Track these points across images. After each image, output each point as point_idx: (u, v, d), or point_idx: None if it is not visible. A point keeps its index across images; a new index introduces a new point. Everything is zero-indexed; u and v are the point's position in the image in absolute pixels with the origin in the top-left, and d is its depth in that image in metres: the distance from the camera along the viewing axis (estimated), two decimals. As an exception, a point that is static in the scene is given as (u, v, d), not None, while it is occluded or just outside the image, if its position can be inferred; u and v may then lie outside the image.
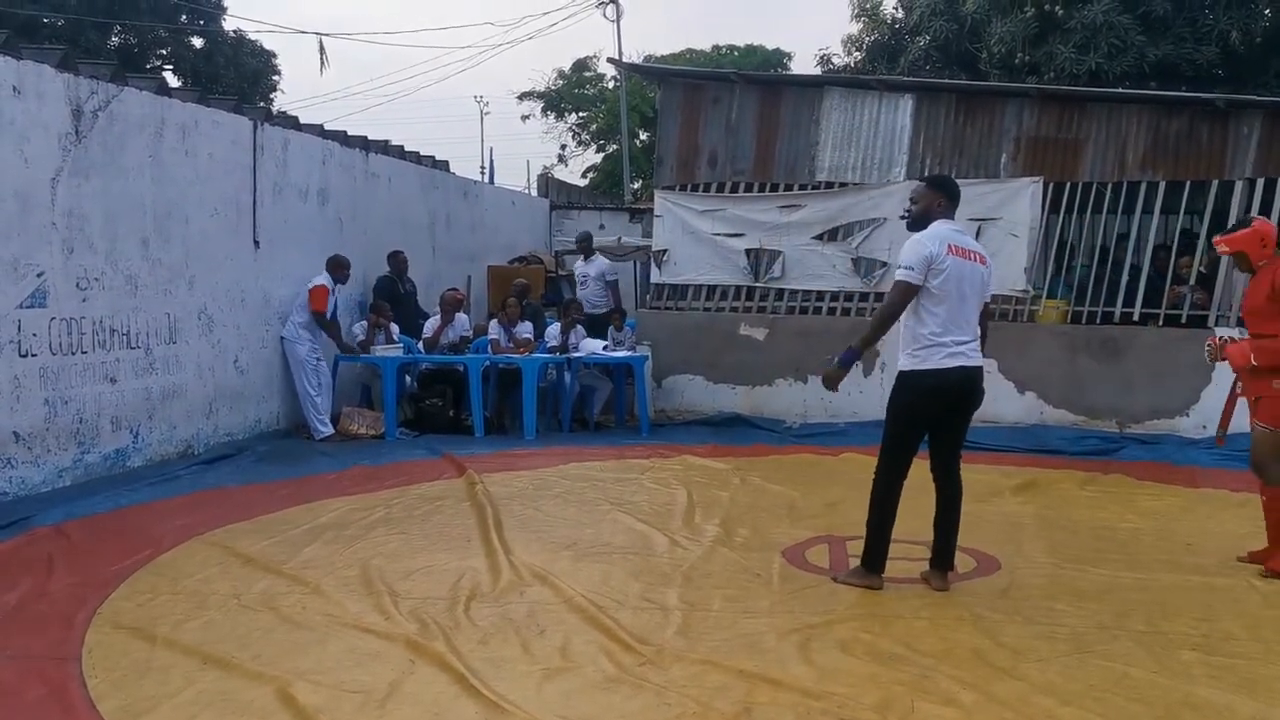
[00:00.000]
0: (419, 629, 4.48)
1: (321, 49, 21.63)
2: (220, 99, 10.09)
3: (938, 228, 4.98)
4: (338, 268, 9.97)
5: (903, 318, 5.01)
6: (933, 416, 4.99)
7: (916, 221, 5.13)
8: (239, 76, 24.14)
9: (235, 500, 7.09)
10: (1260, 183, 9.38)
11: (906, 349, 4.98)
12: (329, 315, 9.75)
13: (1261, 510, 5.47)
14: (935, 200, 5.09)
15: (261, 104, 19.56)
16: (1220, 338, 5.67)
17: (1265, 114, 9.49)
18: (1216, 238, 5.74)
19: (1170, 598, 4.98)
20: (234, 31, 24.88)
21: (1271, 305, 5.32)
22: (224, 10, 24.82)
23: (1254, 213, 9.29)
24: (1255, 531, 6.20)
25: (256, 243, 9.45)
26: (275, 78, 26.12)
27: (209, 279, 8.83)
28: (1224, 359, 5.59)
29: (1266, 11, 12.51)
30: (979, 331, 5.03)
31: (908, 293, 4.88)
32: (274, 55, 25.85)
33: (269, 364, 9.66)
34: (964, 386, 4.95)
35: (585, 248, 12.82)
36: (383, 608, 4.78)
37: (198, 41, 25.02)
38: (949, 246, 4.88)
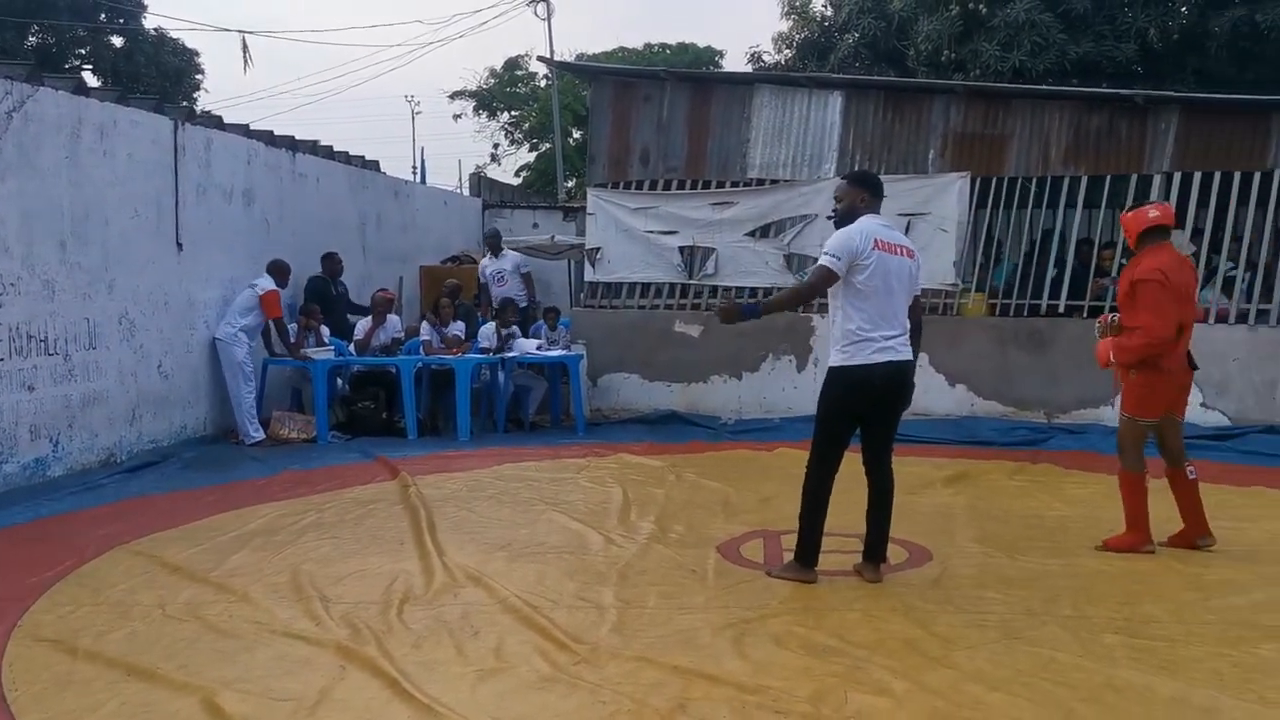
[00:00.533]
0: (350, 634, 4.41)
1: (245, 47, 21.33)
2: (141, 99, 9.86)
3: (864, 222, 4.99)
4: (280, 273, 9.88)
5: (831, 314, 5.05)
6: (862, 411, 5.01)
7: (842, 219, 5.13)
8: (160, 76, 23.64)
9: (160, 508, 6.93)
10: (1177, 176, 9.61)
11: (836, 345, 5.00)
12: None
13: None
14: (858, 196, 5.12)
15: (184, 103, 19.15)
16: (1109, 317, 5.82)
17: (1182, 110, 9.72)
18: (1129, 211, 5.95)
19: (1095, 583, 5.09)
20: (155, 30, 24.38)
21: (1128, 299, 5.59)
22: (144, 8, 24.31)
23: (1171, 205, 9.54)
24: (1176, 516, 6.37)
25: (179, 245, 9.26)
26: (198, 77, 25.64)
27: (130, 282, 8.63)
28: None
29: (1183, 10, 12.82)
30: (908, 325, 5.03)
31: (828, 278, 4.93)
32: (197, 54, 25.36)
33: (195, 368, 9.47)
34: (893, 381, 4.96)
35: (494, 244, 12.76)
36: (313, 613, 4.70)
37: (118, 40, 24.49)
38: (875, 241, 4.89)
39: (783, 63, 16.87)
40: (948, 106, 10.40)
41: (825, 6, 16.86)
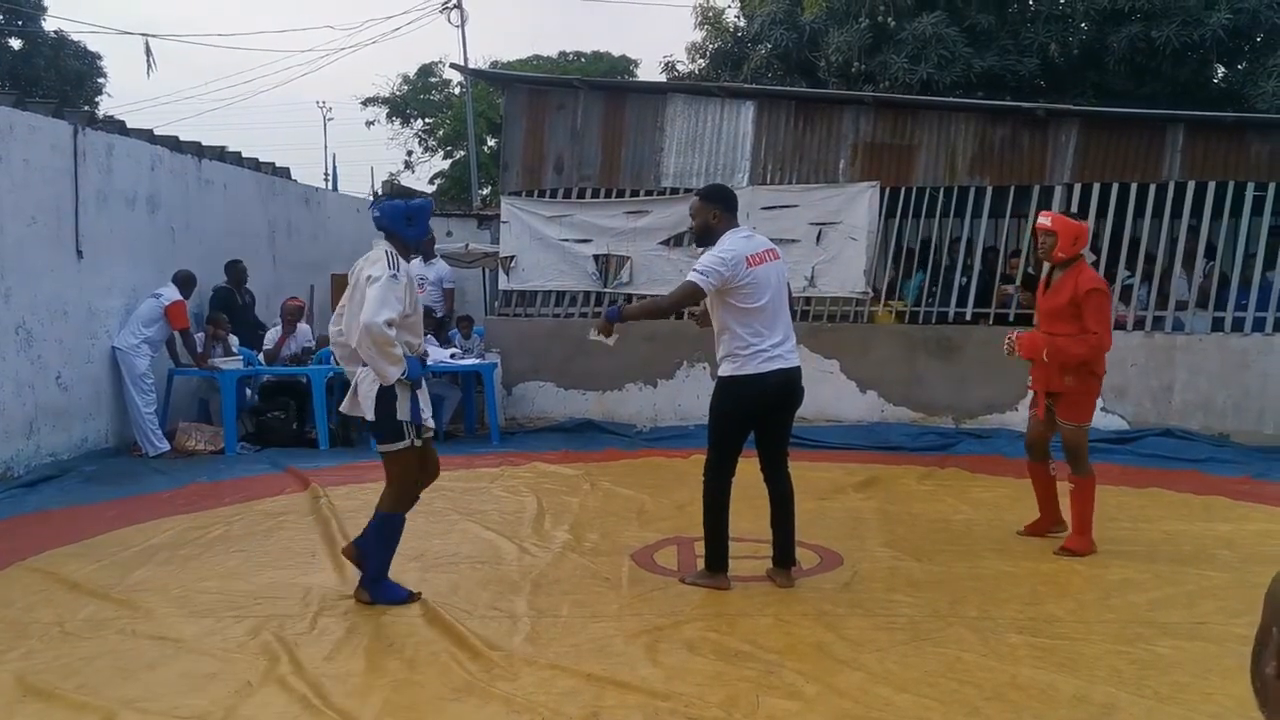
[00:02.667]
0: (259, 648, 4.33)
1: (148, 50, 20.68)
2: (40, 102, 9.60)
3: (730, 242, 4.93)
4: (185, 283, 9.67)
5: (716, 328, 5.02)
6: (754, 418, 5.05)
7: (700, 238, 5.13)
8: (61, 79, 22.98)
9: (59, 523, 6.73)
10: (1078, 187, 9.89)
11: (725, 356, 4.99)
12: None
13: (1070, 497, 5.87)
14: (710, 213, 5.06)
15: (86, 108, 18.65)
16: (1018, 334, 6.00)
17: (1081, 122, 10.02)
18: (1045, 211, 6.08)
19: (1000, 584, 5.21)
20: (55, 32, 23.70)
21: (1070, 309, 5.73)
22: (44, 10, 23.60)
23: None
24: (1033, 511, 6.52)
25: (80, 253, 9.00)
26: (100, 80, 24.96)
27: (27, 291, 8.36)
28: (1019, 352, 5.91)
29: (1083, 26, 13.18)
30: (792, 329, 5.09)
31: (693, 295, 4.94)
32: (99, 57, 24.71)
33: (95, 379, 9.20)
34: (784, 388, 4.99)
35: (428, 249, 12.63)
36: (220, 629, 4.61)
37: (15, 43, 23.73)
38: (746, 260, 4.86)
39: (696, 72, 17.00)
40: (858, 117, 10.58)
41: (738, 18, 17.04)
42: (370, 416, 4.88)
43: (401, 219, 5.10)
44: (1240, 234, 9.49)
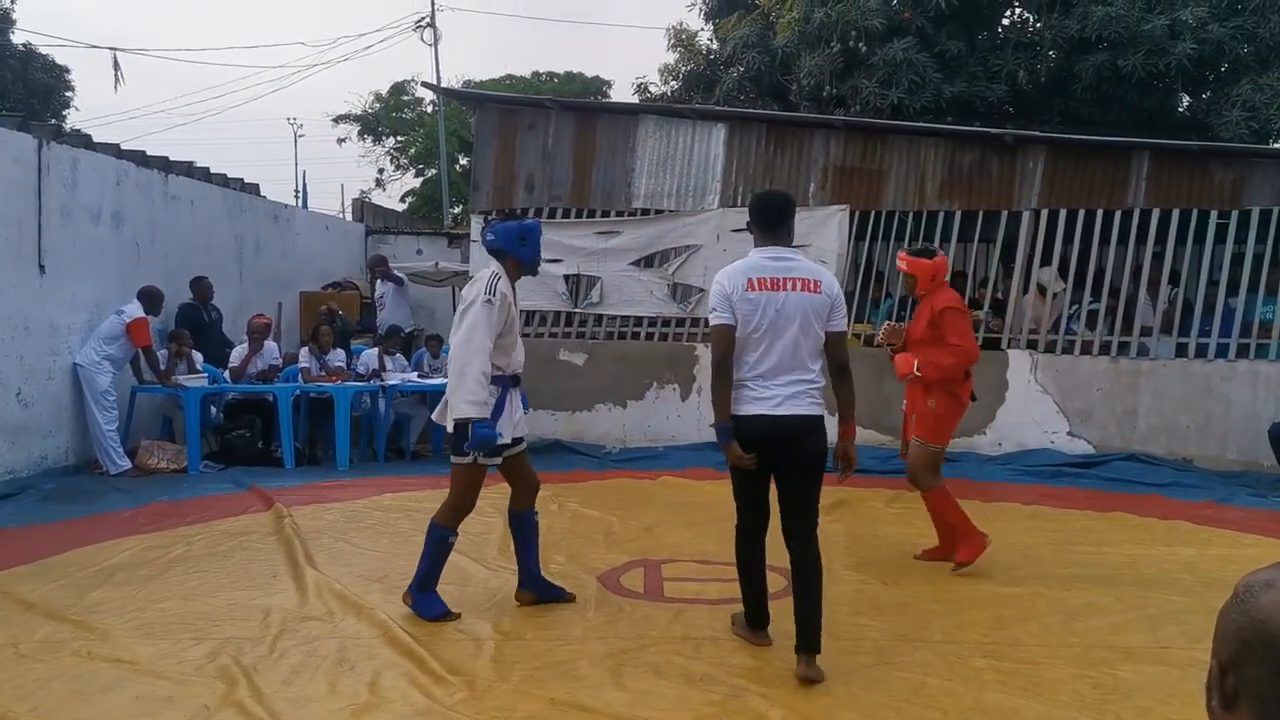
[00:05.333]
0: (218, 671, 4.27)
1: (116, 64, 20.58)
2: (6, 116, 9.50)
3: (746, 259, 4.43)
4: (151, 300, 9.58)
5: None
6: (756, 468, 4.36)
7: None
8: (28, 92, 22.77)
9: (15, 542, 6.61)
10: (1045, 213, 9.98)
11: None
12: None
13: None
14: (751, 230, 4.53)
15: (53, 121, 18.48)
16: (891, 324, 6.09)
17: (1049, 149, 10.12)
18: (902, 252, 6.22)
19: (965, 608, 5.21)
20: (23, 45, 23.45)
21: (932, 332, 5.86)
22: (12, 24, 23.38)
23: (1039, 241, 9.92)
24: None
25: (42, 267, 8.90)
26: (68, 94, 24.74)
27: (-12, 306, 8.26)
28: (890, 356, 5.98)
29: (1050, 54, 13.35)
30: (812, 372, 4.32)
31: (725, 334, 4.28)
32: (67, 70, 24.46)
33: (56, 396, 9.08)
34: (774, 439, 4.24)
35: (381, 270, 12.64)
36: (178, 651, 4.53)
37: (-17, 55, 23.48)
38: (749, 281, 4.27)
39: (669, 94, 17.06)
40: (828, 140, 10.64)
41: (711, 40, 17.12)
42: (450, 427, 4.89)
43: (516, 240, 5.10)
44: (1204, 261, 9.60)
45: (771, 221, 4.44)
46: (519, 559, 5.36)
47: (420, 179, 32.83)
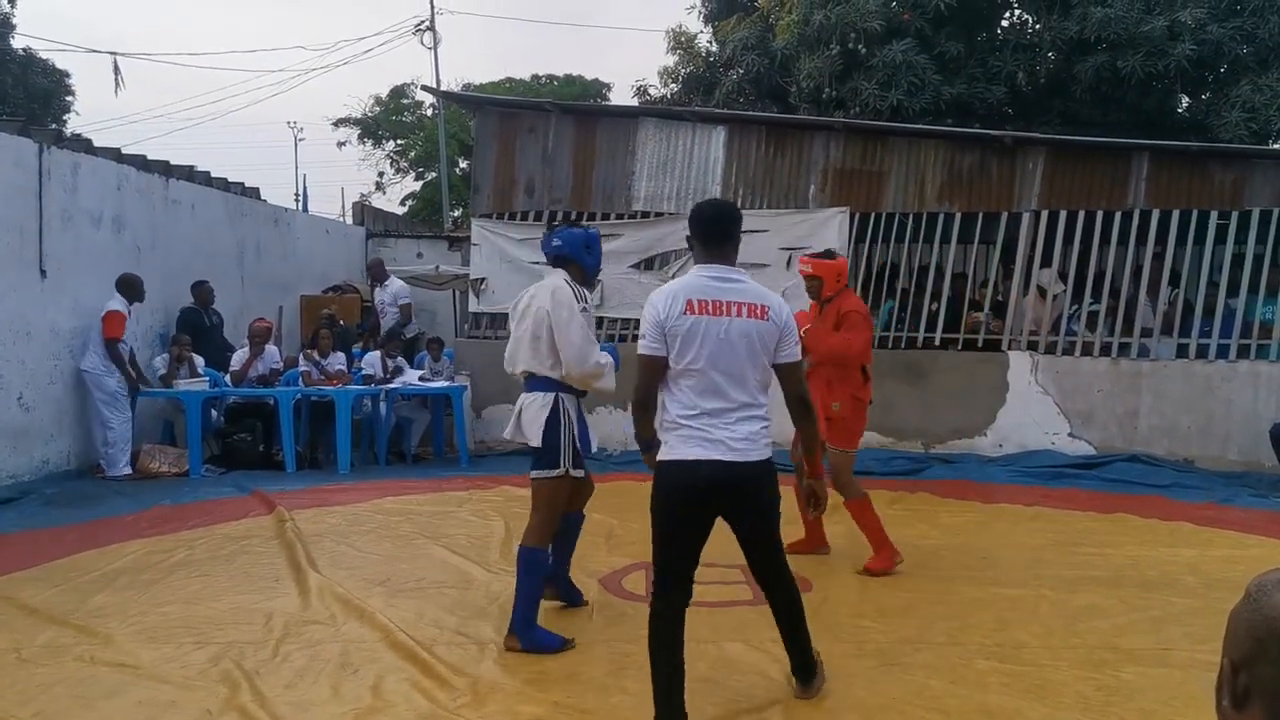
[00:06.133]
0: (220, 676, 4.26)
1: (116, 69, 20.56)
2: (7, 120, 9.51)
3: (684, 279, 3.85)
4: (129, 287, 9.41)
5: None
6: (693, 521, 3.75)
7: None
8: (29, 97, 22.78)
9: (18, 546, 6.61)
10: (1044, 214, 9.99)
11: (661, 432, 3.81)
12: (125, 341, 9.25)
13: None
14: (691, 242, 3.96)
15: (54, 126, 18.50)
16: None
17: (1048, 150, 10.13)
18: (803, 257, 6.23)
19: (968, 610, 5.21)
20: (23, 50, 23.48)
21: (834, 329, 5.97)
22: (12, 28, 23.40)
23: (1039, 242, 9.93)
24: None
25: (43, 272, 8.91)
26: (69, 98, 24.76)
27: (-10, 310, 8.26)
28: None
29: (1050, 55, 13.36)
30: (759, 407, 3.75)
31: (650, 366, 3.71)
32: (67, 75, 24.50)
33: (58, 400, 9.09)
34: (723, 487, 3.67)
35: (375, 274, 12.65)
36: (180, 655, 4.53)
37: (-17, 60, 23.50)
38: (688, 303, 3.68)
39: (669, 97, 17.08)
40: (828, 142, 10.64)
41: (711, 43, 17.14)
42: (536, 442, 4.79)
43: (582, 247, 5.02)
44: (1204, 261, 9.61)
45: (714, 236, 3.84)
46: (554, 554, 5.23)
47: (420, 182, 32.83)
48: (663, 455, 3.72)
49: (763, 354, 3.73)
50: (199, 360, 10.11)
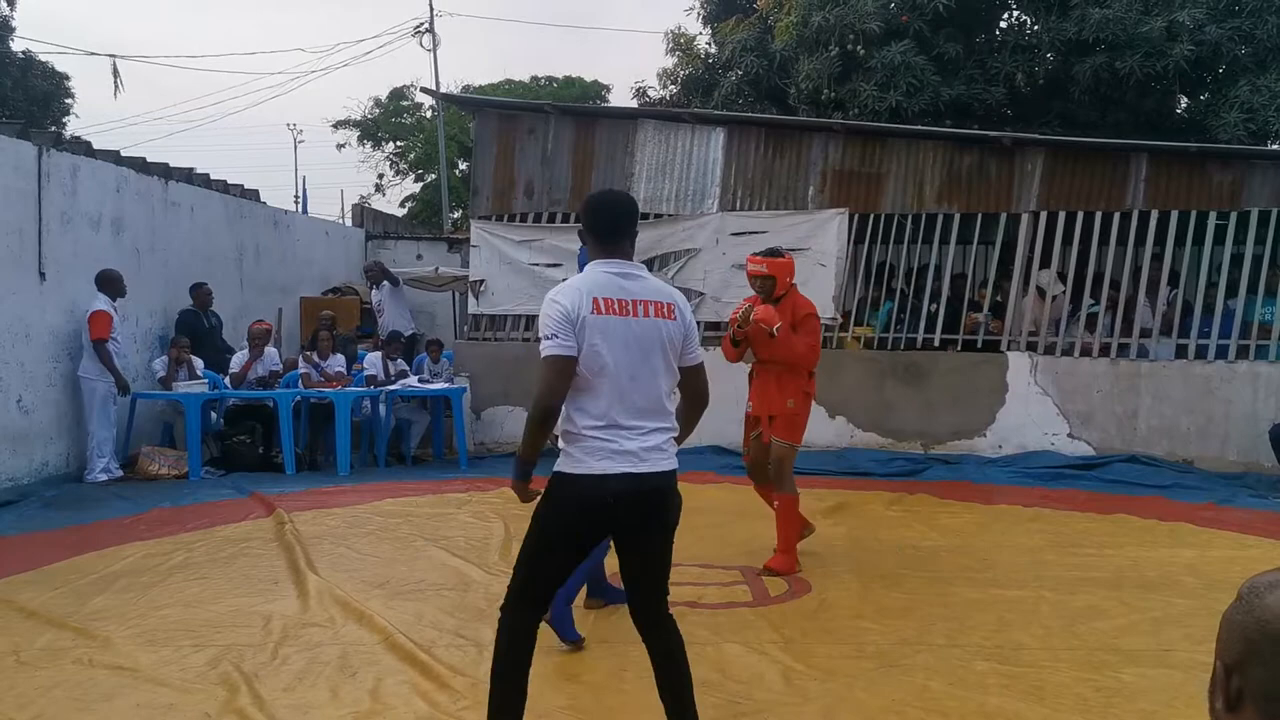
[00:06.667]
0: (219, 679, 4.26)
1: (115, 71, 20.55)
2: (6, 123, 9.51)
3: (586, 275, 3.51)
4: (110, 283, 9.24)
5: None
6: (586, 538, 3.51)
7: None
8: (28, 99, 22.78)
9: (17, 549, 6.61)
10: (1043, 215, 9.99)
11: (560, 441, 3.47)
12: (117, 340, 9.18)
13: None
14: (585, 238, 3.66)
15: (53, 128, 18.49)
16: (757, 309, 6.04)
17: (1047, 151, 10.13)
18: (754, 256, 6.19)
19: (967, 611, 5.21)
20: (23, 52, 23.46)
21: (790, 330, 5.97)
22: (12, 30, 23.39)
23: (1038, 243, 9.93)
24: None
25: (42, 274, 8.90)
26: (68, 101, 24.74)
27: (-11, 313, 8.25)
28: (751, 323, 5.96)
29: (1048, 56, 13.36)
30: (669, 415, 3.48)
31: (562, 369, 3.31)
32: (67, 78, 24.46)
33: (57, 403, 9.08)
34: (635, 501, 3.37)
35: (375, 275, 12.67)
36: (179, 658, 4.53)
37: (-18, 63, 23.50)
38: (595, 302, 3.35)
39: (668, 98, 17.08)
40: (827, 144, 10.65)
41: (709, 44, 17.13)
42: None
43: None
44: (1203, 262, 9.61)
45: (611, 229, 3.53)
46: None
47: (420, 184, 32.81)
48: (565, 467, 3.37)
49: (672, 356, 3.47)
50: (198, 362, 10.10)
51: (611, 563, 6.11)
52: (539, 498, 3.45)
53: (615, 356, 3.33)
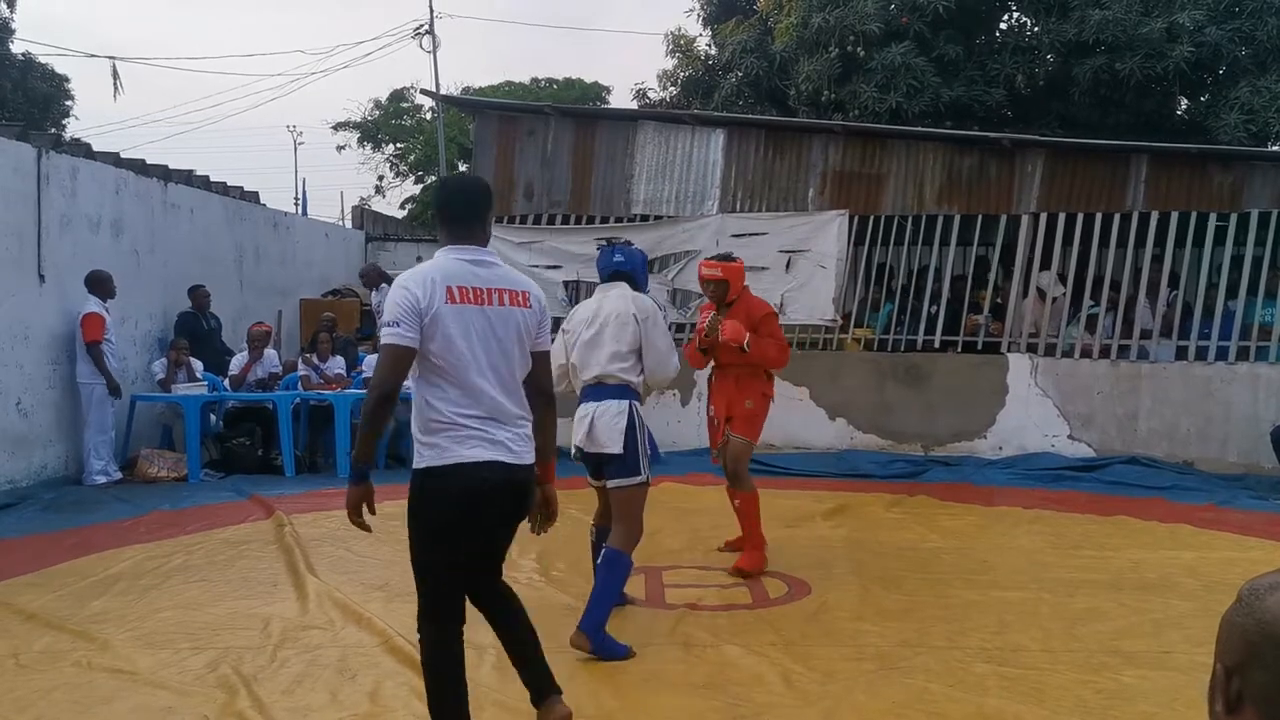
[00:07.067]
0: (218, 681, 4.26)
1: (115, 73, 20.53)
2: (6, 125, 9.50)
3: (437, 262, 3.41)
4: (99, 284, 9.18)
5: (413, 395, 3.41)
6: (469, 530, 3.36)
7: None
8: (28, 101, 22.79)
9: (16, 552, 6.60)
10: (1043, 217, 9.98)
11: (418, 436, 3.39)
12: (112, 341, 9.13)
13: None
14: (440, 229, 3.51)
15: (53, 130, 18.50)
16: (717, 316, 6.02)
17: (1047, 153, 10.13)
18: (708, 260, 6.21)
19: (967, 613, 5.20)
20: (22, 54, 23.48)
21: (753, 332, 5.95)
22: (12, 32, 23.40)
23: (1038, 245, 9.92)
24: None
25: (42, 276, 8.90)
26: (68, 103, 24.75)
27: (-12, 315, 8.25)
28: (718, 336, 5.95)
29: (1048, 58, 13.36)
30: (524, 407, 3.44)
31: (400, 358, 3.26)
32: (67, 79, 24.47)
33: (57, 405, 9.07)
34: (506, 492, 3.35)
35: (372, 279, 12.66)
36: (178, 661, 4.52)
37: (-18, 65, 23.51)
38: (449, 291, 3.29)
39: (668, 100, 17.08)
40: (827, 145, 10.64)
41: (709, 46, 17.14)
42: (618, 449, 4.76)
43: (641, 265, 5.18)
44: (1203, 264, 9.60)
45: (464, 213, 3.46)
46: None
47: (420, 186, 32.81)
48: (432, 460, 3.30)
49: (527, 344, 3.44)
50: (198, 364, 10.10)
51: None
52: (410, 506, 3.40)
53: (473, 346, 3.29)
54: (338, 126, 33.14)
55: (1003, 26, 14.40)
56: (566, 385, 4.98)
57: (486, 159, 11.66)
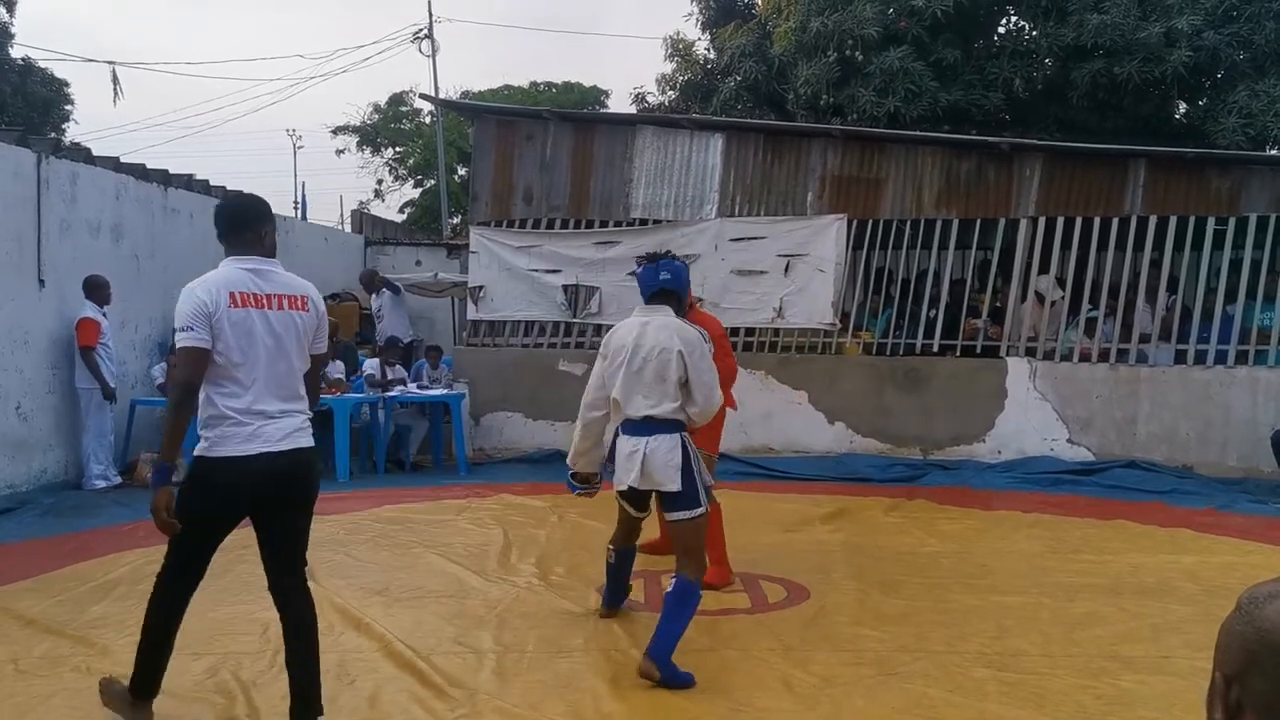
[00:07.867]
0: (217, 687, 4.26)
1: (114, 78, 20.56)
2: (5, 130, 9.50)
3: (220, 271, 3.78)
4: (95, 289, 9.14)
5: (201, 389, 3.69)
6: (230, 517, 3.78)
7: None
8: (28, 106, 22.79)
9: (15, 557, 6.59)
10: (1042, 221, 9.99)
11: (199, 428, 3.71)
12: (98, 349, 9.03)
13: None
14: (221, 241, 3.93)
15: (53, 135, 18.50)
16: None
17: (1045, 157, 10.14)
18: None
19: (967, 618, 5.20)
20: (22, 59, 23.47)
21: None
22: (11, 37, 23.40)
23: (1037, 248, 9.93)
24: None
25: (41, 281, 8.90)
26: (68, 108, 24.75)
27: (-13, 320, 8.25)
28: None
29: (1046, 61, 13.37)
30: (304, 400, 3.84)
31: (196, 359, 3.59)
32: (66, 84, 24.47)
33: (56, 410, 9.07)
34: (274, 479, 3.68)
35: (372, 284, 12.68)
36: (177, 667, 4.50)
37: (-18, 69, 23.50)
38: (232, 296, 3.64)
39: (666, 104, 17.08)
40: (825, 149, 10.65)
41: (708, 50, 17.14)
42: (677, 487, 4.53)
43: (686, 281, 4.92)
44: (1201, 267, 9.61)
45: (241, 227, 3.88)
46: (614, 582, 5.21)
47: (419, 190, 32.85)
48: (207, 451, 3.64)
49: (305, 345, 3.81)
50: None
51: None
52: (184, 482, 3.70)
53: (253, 347, 3.63)
54: (337, 130, 33.21)
55: (1001, 31, 14.41)
56: (605, 413, 4.77)
57: (486, 163, 11.68)
